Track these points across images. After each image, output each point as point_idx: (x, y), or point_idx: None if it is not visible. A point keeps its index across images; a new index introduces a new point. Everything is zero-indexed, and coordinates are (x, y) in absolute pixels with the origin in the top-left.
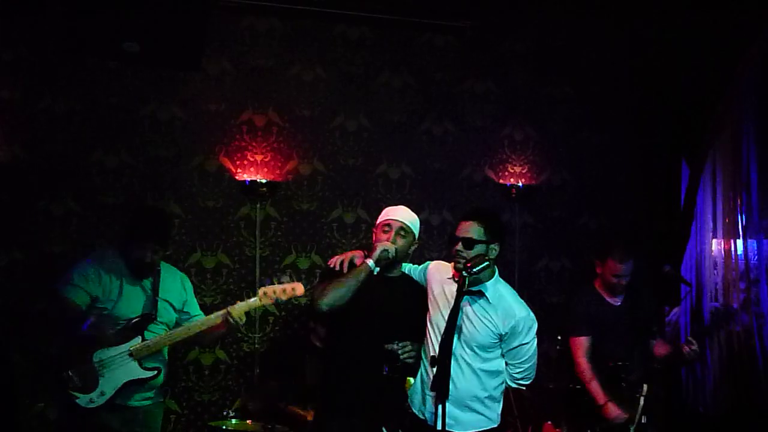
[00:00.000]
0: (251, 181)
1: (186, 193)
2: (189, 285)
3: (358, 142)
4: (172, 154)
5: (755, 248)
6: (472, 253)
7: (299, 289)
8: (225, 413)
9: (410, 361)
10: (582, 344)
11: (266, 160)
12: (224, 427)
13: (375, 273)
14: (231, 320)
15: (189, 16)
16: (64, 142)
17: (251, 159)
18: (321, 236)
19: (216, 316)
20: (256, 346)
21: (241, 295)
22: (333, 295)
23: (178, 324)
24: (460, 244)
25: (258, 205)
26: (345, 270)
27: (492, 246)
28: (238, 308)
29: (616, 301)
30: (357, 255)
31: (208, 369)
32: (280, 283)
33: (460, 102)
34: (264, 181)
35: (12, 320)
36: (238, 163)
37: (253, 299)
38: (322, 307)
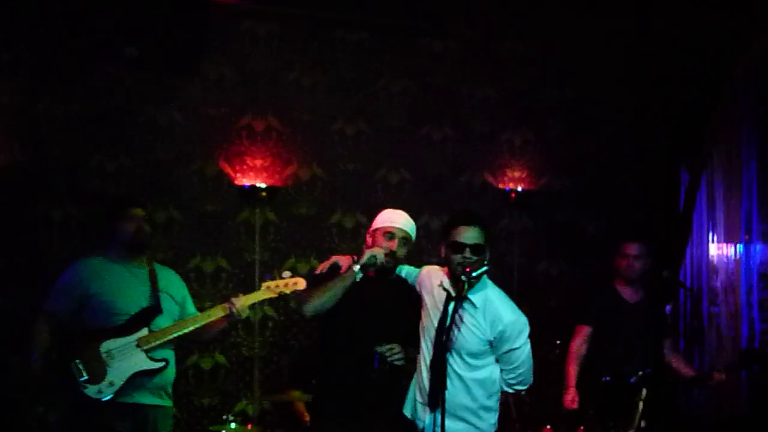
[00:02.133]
0: (250, 185)
1: (185, 198)
2: (184, 284)
3: (357, 146)
4: (171, 159)
5: (754, 253)
6: (475, 258)
7: (301, 283)
8: (224, 417)
9: (398, 363)
10: (582, 332)
11: (265, 164)
12: None
13: (358, 279)
14: (234, 311)
15: (188, 20)
16: (63, 145)
17: (250, 163)
18: (320, 241)
19: (222, 308)
20: (256, 350)
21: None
22: (317, 301)
23: (179, 317)
24: (468, 250)
25: (257, 210)
26: (324, 270)
27: (487, 252)
28: (243, 300)
29: (633, 298)
30: (342, 259)
31: (208, 373)
32: (281, 278)
33: (459, 106)
34: (263, 185)
35: (12, 324)
36: (237, 167)
37: (256, 293)
38: (306, 312)
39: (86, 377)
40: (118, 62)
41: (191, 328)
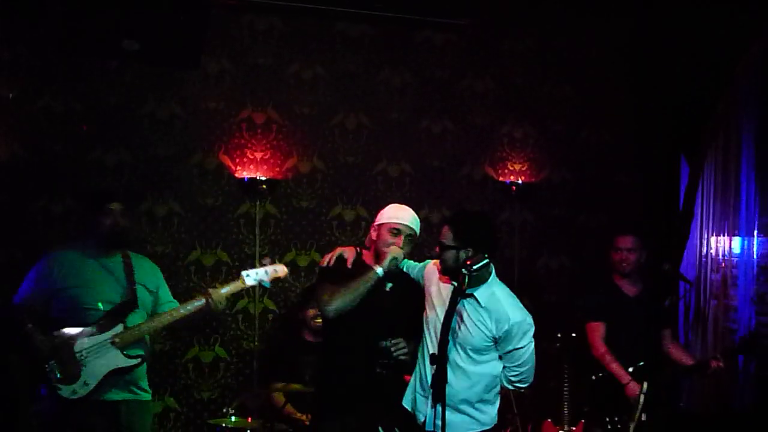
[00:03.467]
0: (251, 178)
1: (185, 191)
2: (159, 272)
3: (357, 139)
4: (171, 152)
5: (755, 246)
6: (446, 258)
7: (281, 270)
8: (224, 411)
9: (403, 357)
10: (598, 329)
11: (266, 157)
12: (224, 425)
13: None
14: (211, 303)
15: (189, 14)
16: (63, 140)
17: (251, 156)
18: (321, 234)
19: (198, 300)
20: (256, 343)
21: (240, 293)
22: (341, 302)
23: (154, 308)
24: (439, 248)
25: (257, 203)
26: (332, 264)
27: (462, 252)
28: (221, 292)
29: (632, 292)
30: (346, 251)
31: (208, 367)
32: (262, 266)
33: (459, 100)
34: (263, 178)
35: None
36: (237, 160)
37: (235, 282)
38: (329, 313)
39: (60, 377)
40: (118, 57)
41: (167, 323)
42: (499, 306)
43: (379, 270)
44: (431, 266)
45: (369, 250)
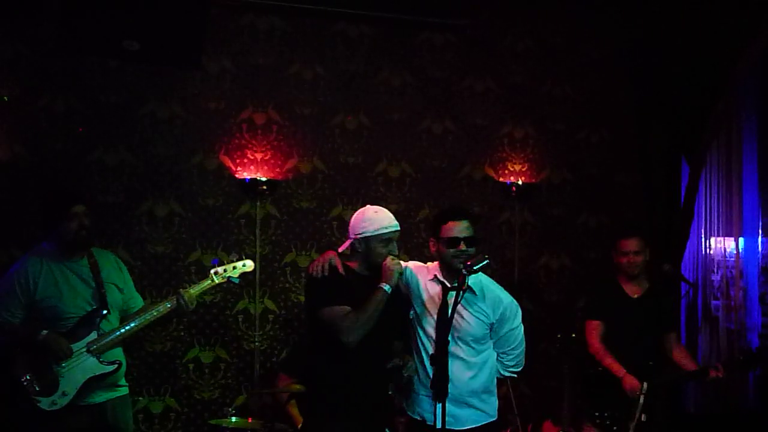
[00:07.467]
0: (251, 179)
1: (186, 191)
2: (123, 265)
3: (358, 140)
4: (172, 153)
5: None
6: (471, 251)
7: (249, 264)
8: (225, 411)
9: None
10: (595, 327)
11: (266, 158)
12: (224, 425)
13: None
14: (182, 303)
15: (189, 14)
16: (63, 140)
17: (251, 157)
18: (321, 234)
19: (170, 300)
20: (256, 344)
21: (241, 294)
22: (361, 332)
23: (125, 305)
24: (463, 244)
25: (258, 203)
26: (326, 273)
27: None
28: (191, 292)
29: (635, 293)
30: (333, 257)
31: (208, 367)
32: (230, 262)
33: (459, 100)
34: (264, 179)
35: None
36: (238, 161)
37: (205, 281)
38: (352, 345)
39: (39, 390)
40: (118, 57)
41: (140, 326)
42: (489, 291)
43: (387, 288)
44: (415, 268)
45: (349, 258)
